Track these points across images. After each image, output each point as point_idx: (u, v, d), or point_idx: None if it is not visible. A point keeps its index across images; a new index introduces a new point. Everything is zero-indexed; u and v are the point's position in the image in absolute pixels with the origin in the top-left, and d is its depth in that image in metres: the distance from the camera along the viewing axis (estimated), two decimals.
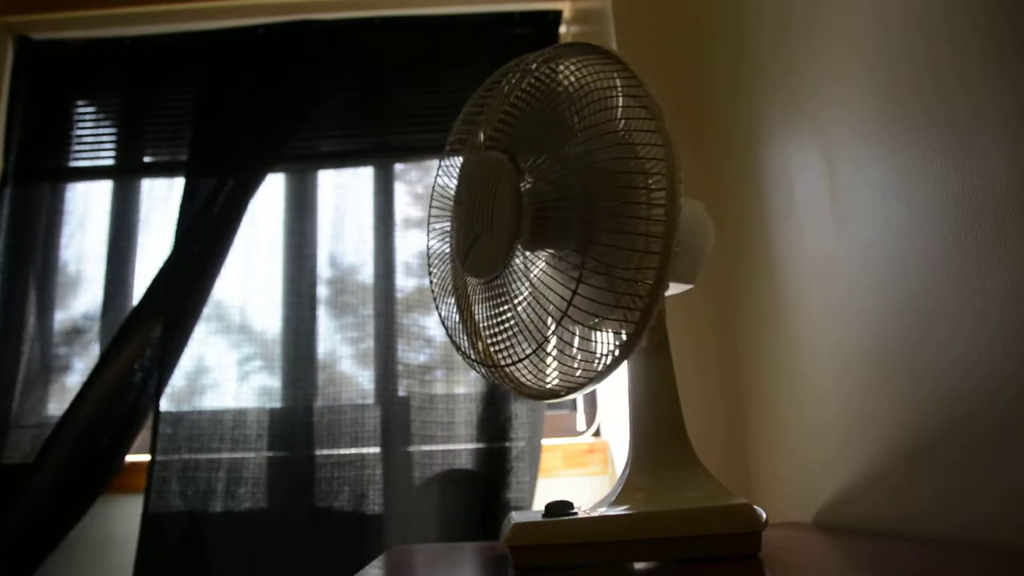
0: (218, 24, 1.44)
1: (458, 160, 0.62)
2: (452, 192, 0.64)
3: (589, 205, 0.52)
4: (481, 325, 0.59)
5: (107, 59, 1.46)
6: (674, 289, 0.63)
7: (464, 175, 0.60)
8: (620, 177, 0.51)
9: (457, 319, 0.61)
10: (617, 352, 0.52)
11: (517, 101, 0.57)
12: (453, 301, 0.62)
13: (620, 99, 0.52)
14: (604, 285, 0.51)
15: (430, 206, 0.66)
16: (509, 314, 0.56)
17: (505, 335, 0.57)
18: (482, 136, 0.60)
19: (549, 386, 0.56)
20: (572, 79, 0.54)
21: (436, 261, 0.65)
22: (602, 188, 0.52)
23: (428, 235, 0.66)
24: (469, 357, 0.60)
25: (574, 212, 0.53)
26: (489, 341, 0.59)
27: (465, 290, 0.61)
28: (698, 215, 0.62)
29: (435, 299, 0.64)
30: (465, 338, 0.60)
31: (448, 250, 0.64)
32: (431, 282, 0.65)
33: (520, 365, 0.55)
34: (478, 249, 0.56)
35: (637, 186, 0.51)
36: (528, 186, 0.53)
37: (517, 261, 0.54)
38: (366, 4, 1.45)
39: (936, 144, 0.55)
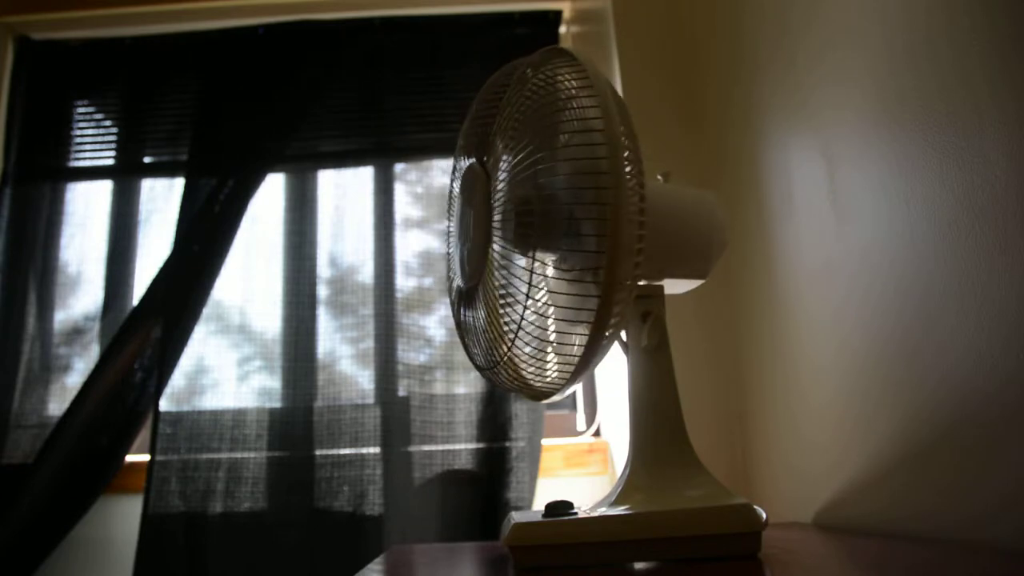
0: (218, 24, 1.45)
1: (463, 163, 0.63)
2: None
3: (561, 206, 0.52)
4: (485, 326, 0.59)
5: (107, 59, 1.46)
6: (685, 285, 0.63)
7: (460, 187, 0.62)
8: (581, 178, 0.50)
9: (479, 321, 0.61)
10: (584, 350, 0.50)
11: (517, 112, 0.57)
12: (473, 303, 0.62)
13: (576, 101, 0.52)
14: (577, 286, 0.51)
15: (448, 209, 0.67)
16: (511, 316, 0.56)
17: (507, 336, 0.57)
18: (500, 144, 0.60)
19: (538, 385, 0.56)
20: (543, 84, 0.54)
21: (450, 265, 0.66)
22: (565, 189, 0.52)
23: (448, 240, 0.67)
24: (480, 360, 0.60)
25: (552, 213, 0.52)
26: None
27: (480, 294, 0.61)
28: (703, 207, 0.61)
29: (452, 304, 0.64)
30: (484, 342, 0.60)
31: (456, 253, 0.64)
32: (450, 287, 0.65)
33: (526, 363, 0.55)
34: (469, 256, 0.57)
35: (600, 187, 0.49)
36: (503, 189, 0.54)
37: (518, 264, 0.54)
38: (366, 4, 1.45)
39: (936, 144, 0.55)
